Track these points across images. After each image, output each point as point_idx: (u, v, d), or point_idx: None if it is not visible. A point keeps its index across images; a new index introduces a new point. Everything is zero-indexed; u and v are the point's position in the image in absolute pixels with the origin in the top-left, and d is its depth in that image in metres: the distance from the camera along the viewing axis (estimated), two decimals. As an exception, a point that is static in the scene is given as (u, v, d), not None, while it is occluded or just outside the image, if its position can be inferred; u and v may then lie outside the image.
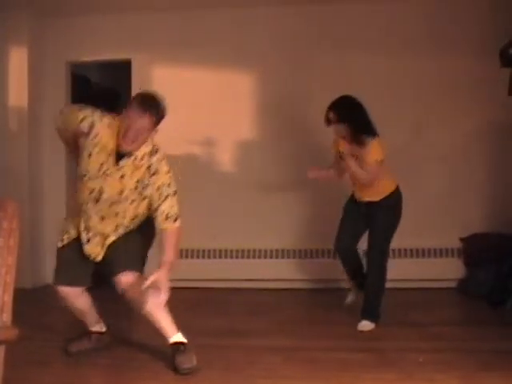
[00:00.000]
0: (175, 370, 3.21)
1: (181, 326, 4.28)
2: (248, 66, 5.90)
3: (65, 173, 6.06)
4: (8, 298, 2.51)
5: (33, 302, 4.54)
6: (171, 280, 3.30)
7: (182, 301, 5.16)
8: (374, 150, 4.13)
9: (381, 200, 4.33)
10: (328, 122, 4.21)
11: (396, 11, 5.65)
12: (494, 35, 5.16)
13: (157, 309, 3.30)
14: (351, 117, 4.17)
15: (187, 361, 3.22)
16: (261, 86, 5.92)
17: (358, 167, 4.22)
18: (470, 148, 5.63)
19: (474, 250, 5.42)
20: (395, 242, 5.44)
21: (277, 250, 5.74)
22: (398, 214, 4.39)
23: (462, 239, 5.53)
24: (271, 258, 5.73)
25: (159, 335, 3.37)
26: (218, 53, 5.85)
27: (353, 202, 4.49)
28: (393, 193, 4.37)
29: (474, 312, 4.75)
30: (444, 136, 5.63)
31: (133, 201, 3.31)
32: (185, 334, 3.99)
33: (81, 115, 3.26)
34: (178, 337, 3.34)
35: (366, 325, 4.21)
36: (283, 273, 5.67)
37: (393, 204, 4.37)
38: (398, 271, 5.37)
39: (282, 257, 5.73)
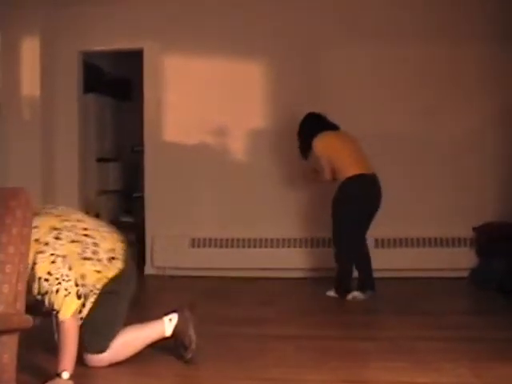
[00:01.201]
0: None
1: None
2: (260, 55, 5.89)
3: (77, 162, 6.10)
4: (21, 287, 2.54)
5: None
6: (180, 269, 3.22)
7: (194, 289, 5.20)
8: (315, 147, 4.84)
9: (336, 189, 4.77)
10: None
11: (409, -1, 5.64)
12: (506, 22, 5.13)
13: (136, 341, 3.15)
14: (302, 131, 5.04)
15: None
16: (272, 75, 5.90)
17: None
18: (483, 136, 5.60)
19: (486, 239, 5.40)
20: (406, 231, 5.49)
21: (289, 240, 5.74)
22: (349, 202, 4.70)
23: (474, 228, 5.51)
24: (283, 247, 5.74)
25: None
26: (230, 41, 5.84)
27: None
28: (346, 180, 4.69)
29: (485, 301, 4.75)
30: (456, 123, 5.61)
31: None
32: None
33: None
34: (167, 331, 3.22)
35: (329, 292, 4.81)
36: (295, 262, 5.68)
37: (344, 193, 4.72)
38: (410, 261, 5.39)
39: (294, 246, 5.73)
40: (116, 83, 7.38)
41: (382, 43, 5.60)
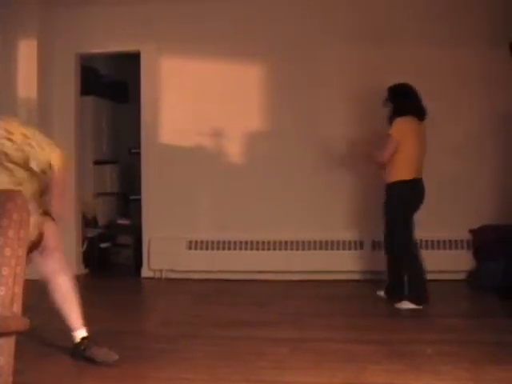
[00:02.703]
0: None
1: (189, 317, 4.32)
2: (257, 57, 5.88)
3: (74, 164, 6.08)
4: (18, 289, 2.53)
5: (42, 293, 4.57)
6: (177, 271, 3.24)
7: (191, 292, 5.20)
8: (392, 126, 4.58)
9: (390, 184, 4.62)
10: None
11: (408, 1, 5.62)
12: (506, 26, 5.12)
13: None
14: (394, 100, 4.70)
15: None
16: (270, 77, 5.90)
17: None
18: (482, 139, 5.59)
19: (483, 241, 5.40)
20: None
21: (285, 242, 5.73)
22: (401, 205, 4.61)
23: (471, 231, 5.51)
24: (279, 249, 5.73)
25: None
26: (227, 43, 5.83)
27: None
28: (401, 184, 4.58)
29: (482, 304, 4.74)
30: (456, 126, 5.59)
31: None
32: (193, 324, 4.02)
33: None
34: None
35: (400, 305, 4.51)
36: (292, 264, 5.67)
37: (396, 193, 4.61)
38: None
39: (291, 248, 5.72)
40: (113, 85, 7.37)
41: (382, 46, 5.59)
